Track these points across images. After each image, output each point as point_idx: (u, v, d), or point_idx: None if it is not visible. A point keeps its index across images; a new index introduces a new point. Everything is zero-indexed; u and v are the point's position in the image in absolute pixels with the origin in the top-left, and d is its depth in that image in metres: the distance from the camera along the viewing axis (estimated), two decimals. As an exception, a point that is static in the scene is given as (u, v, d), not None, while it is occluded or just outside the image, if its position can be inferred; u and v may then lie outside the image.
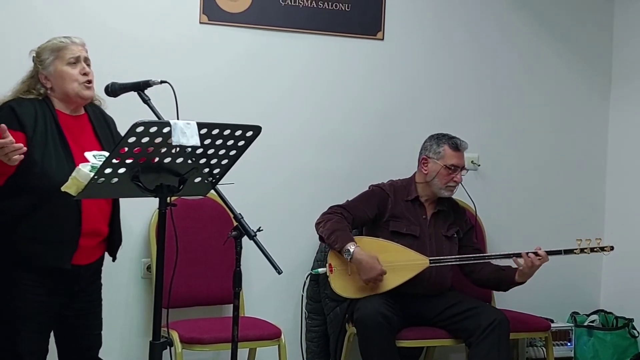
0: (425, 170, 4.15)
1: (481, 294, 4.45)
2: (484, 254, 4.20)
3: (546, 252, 3.94)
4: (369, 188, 4.22)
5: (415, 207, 4.16)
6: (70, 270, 3.02)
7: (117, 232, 3.21)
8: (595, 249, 4.01)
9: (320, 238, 4.06)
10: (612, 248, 4.02)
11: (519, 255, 3.94)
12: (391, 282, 3.94)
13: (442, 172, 4.10)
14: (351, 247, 3.89)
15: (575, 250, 4.00)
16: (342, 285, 3.99)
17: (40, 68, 3.11)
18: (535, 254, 3.91)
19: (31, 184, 2.93)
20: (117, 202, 3.20)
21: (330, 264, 4.01)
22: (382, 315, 3.81)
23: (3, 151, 2.74)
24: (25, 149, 2.80)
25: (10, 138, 2.74)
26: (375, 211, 4.12)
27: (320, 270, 4.07)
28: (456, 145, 4.13)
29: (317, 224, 4.06)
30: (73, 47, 3.12)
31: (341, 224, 4.00)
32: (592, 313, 4.92)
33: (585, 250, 3.99)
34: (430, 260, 3.98)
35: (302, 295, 4.15)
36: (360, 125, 4.56)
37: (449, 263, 4.05)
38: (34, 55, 3.15)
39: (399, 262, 3.96)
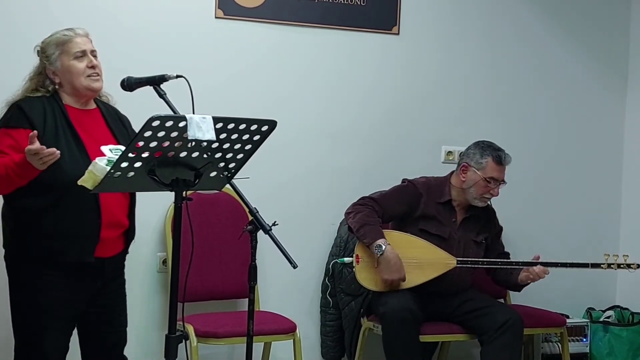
0: (464, 177, 4.07)
1: (497, 290, 4.44)
2: (508, 260, 4.16)
3: (572, 264, 4.04)
4: (403, 182, 4.17)
5: (447, 209, 4.11)
6: (94, 263, 3.02)
7: (132, 225, 3.21)
8: (622, 265, 4.06)
9: (349, 229, 4.03)
10: (638, 266, 4.08)
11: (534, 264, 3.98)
12: (416, 278, 3.94)
13: (481, 183, 4.03)
14: (383, 244, 3.86)
15: (602, 265, 4.04)
16: (367, 277, 3.96)
17: (47, 64, 3.08)
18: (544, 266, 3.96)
19: (47, 181, 2.92)
20: (133, 196, 3.19)
21: (357, 255, 3.98)
22: (409, 310, 3.80)
23: (37, 156, 2.76)
24: (59, 152, 2.80)
25: (42, 146, 2.75)
26: (406, 208, 4.08)
27: (347, 259, 4.03)
28: (500, 159, 4.05)
29: (347, 214, 4.03)
30: (78, 40, 3.08)
31: (372, 217, 3.96)
32: (608, 309, 4.90)
33: (612, 265, 4.04)
34: (457, 260, 3.97)
35: (325, 281, 4.14)
36: (374, 120, 4.55)
37: (476, 266, 4.04)
38: (39, 49, 3.12)
39: (426, 259, 3.95)
